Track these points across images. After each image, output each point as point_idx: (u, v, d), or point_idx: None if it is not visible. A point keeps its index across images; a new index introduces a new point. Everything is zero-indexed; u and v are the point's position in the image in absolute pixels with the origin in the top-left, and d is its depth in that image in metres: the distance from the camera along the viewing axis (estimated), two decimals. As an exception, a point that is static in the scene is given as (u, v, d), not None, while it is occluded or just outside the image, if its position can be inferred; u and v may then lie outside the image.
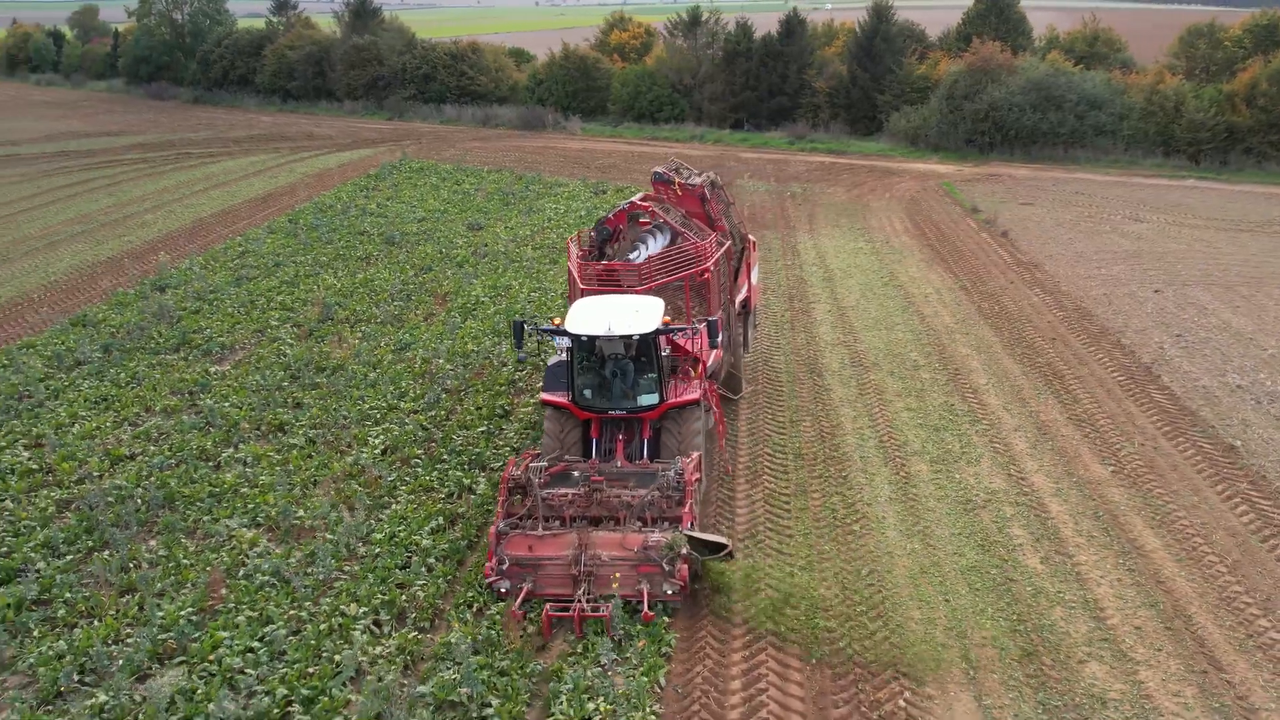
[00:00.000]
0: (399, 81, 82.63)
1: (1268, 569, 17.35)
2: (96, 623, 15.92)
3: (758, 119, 66.55)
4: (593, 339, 18.28)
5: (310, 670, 14.63)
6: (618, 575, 15.88)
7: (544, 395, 19.60)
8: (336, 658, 14.77)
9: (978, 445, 22.04)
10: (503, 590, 16.03)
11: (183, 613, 15.91)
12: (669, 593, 15.81)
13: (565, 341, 18.89)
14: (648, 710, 13.70)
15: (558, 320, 19.05)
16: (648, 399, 18.88)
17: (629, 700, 13.83)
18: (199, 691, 14.16)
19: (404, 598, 16.37)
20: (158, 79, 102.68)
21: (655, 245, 22.18)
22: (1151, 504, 19.51)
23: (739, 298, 23.87)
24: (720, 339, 20.69)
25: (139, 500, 19.61)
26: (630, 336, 18.13)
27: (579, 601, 15.57)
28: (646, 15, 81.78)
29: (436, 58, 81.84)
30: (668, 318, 18.69)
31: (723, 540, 16.33)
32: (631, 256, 21.75)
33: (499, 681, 14.18)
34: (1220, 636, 15.65)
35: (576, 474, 17.75)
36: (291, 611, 16.07)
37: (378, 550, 17.81)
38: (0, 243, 41.33)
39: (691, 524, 16.60)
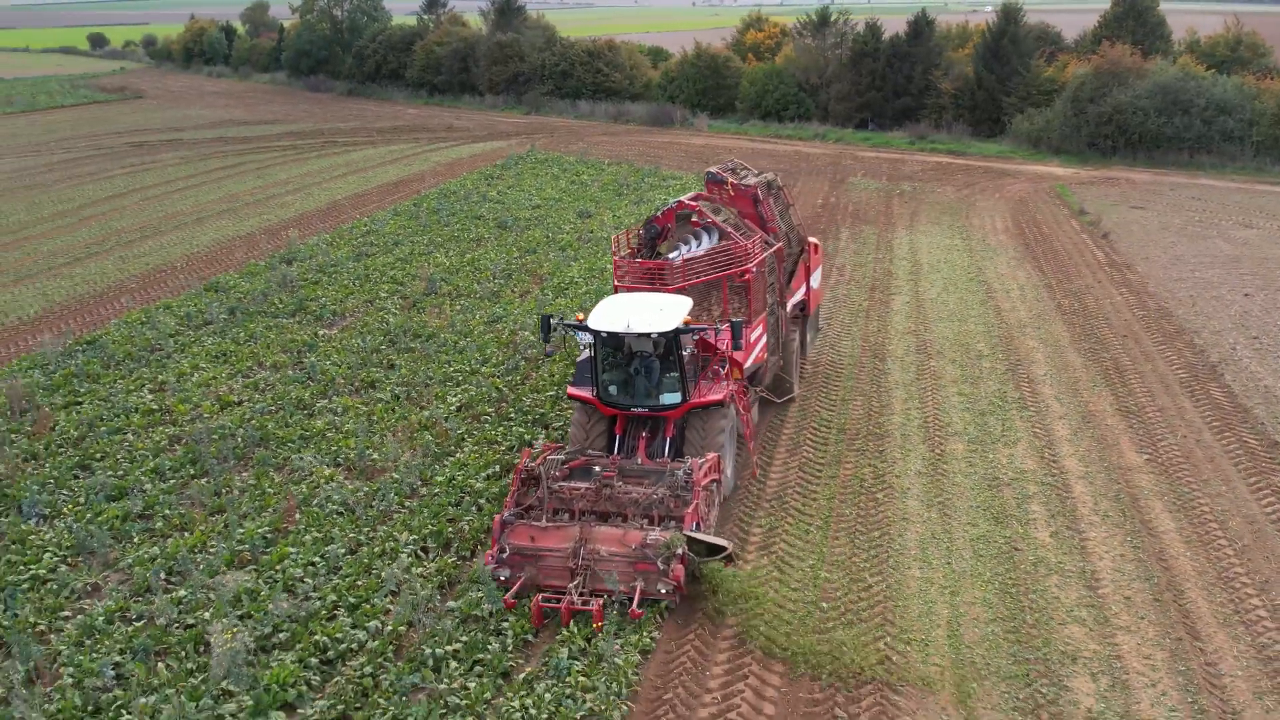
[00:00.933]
0: (538, 77, 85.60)
1: (1276, 554, 17.84)
2: (187, 535, 18.32)
3: (882, 119, 66.98)
4: (614, 335, 18.32)
5: (359, 583, 16.66)
6: (614, 571, 15.94)
7: (571, 390, 19.77)
8: (382, 574, 16.75)
9: (1019, 429, 22.83)
10: (502, 579, 16.17)
11: (260, 531, 18.20)
12: (663, 591, 15.82)
13: (588, 337, 18.93)
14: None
15: (581, 316, 19.10)
16: (670, 398, 18.87)
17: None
18: (263, 593, 16.34)
19: (450, 530, 18.28)
20: (317, 72, 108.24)
21: (701, 245, 21.72)
22: (1176, 490, 20.09)
23: (792, 300, 23.89)
24: (764, 341, 21.18)
25: (239, 439, 22.08)
26: (649, 334, 18.11)
27: (570, 594, 15.71)
28: (791, 16, 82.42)
29: (575, 55, 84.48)
30: (689, 317, 18.63)
31: (723, 543, 16.39)
32: (671, 255, 21.61)
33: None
34: (1208, 611, 16.33)
35: (598, 469, 17.82)
36: (351, 535, 18.19)
37: (436, 490, 19.81)
38: (155, 217, 45.22)
39: (696, 525, 16.56)
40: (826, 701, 14.22)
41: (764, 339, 21.85)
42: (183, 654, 14.99)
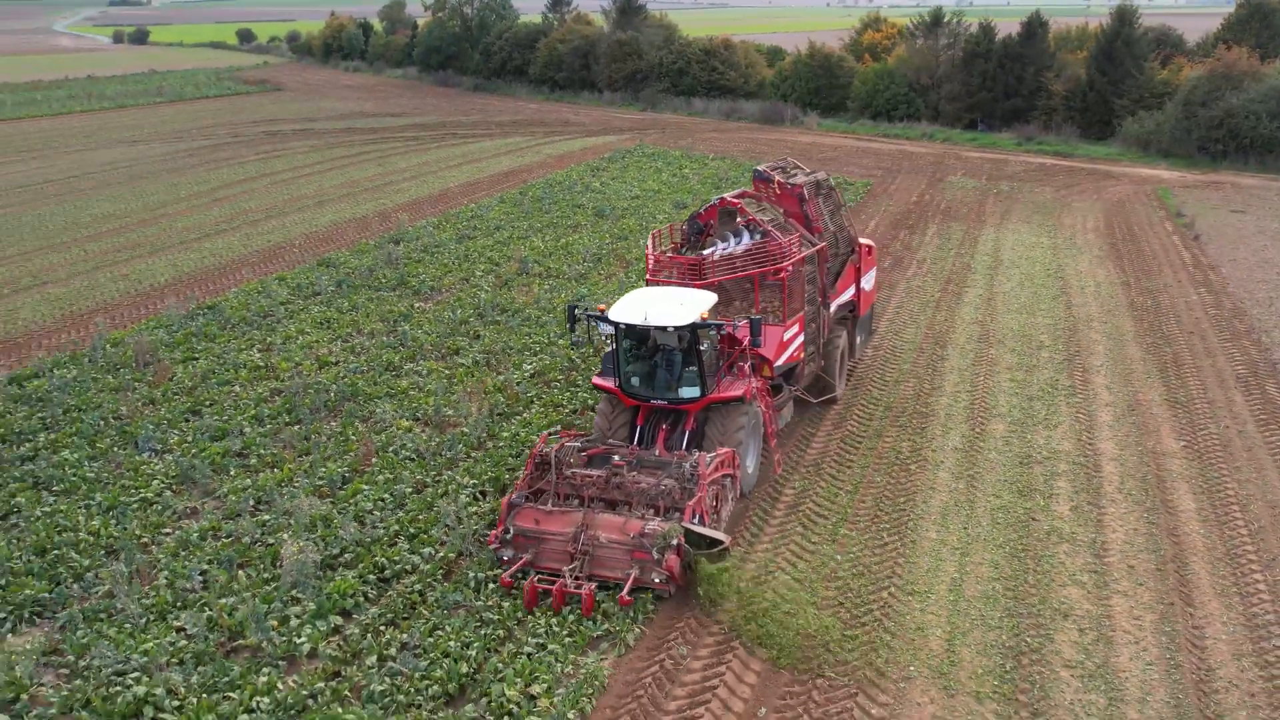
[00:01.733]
0: (655, 75, 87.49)
1: (1290, 537, 18.50)
2: (276, 471, 20.58)
3: (991, 120, 66.97)
4: (632, 327, 18.64)
5: (420, 517, 18.62)
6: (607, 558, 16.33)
7: (596, 380, 20.19)
8: (441, 511, 18.66)
9: (1062, 414, 23.67)
10: (504, 559, 16.66)
11: (339, 470, 20.36)
12: (656, 581, 16.07)
13: (609, 328, 19.19)
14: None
15: (603, 307, 19.29)
16: (689, 391, 19.03)
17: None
18: (335, 520, 18.42)
19: (507, 478, 20.13)
20: (446, 68, 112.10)
21: (742, 242, 21.62)
22: (1206, 475, 20.76)
23: (837, 301, 23.78)
24: (801, 340, 21.53)
25: (331, 393, 24.35)
26: (665, 328, 18.41)
27: (564, 578, 16.11)
28: (916, 16, 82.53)
29: (691, 54, 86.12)
30: (706, 312, 18.67)
31: (721, 537, 16.49)
32: (706, 251, 21.67)
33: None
34: (1208, 582, 17.15)
35: (616, 458, 18.18)
36: (419, 477, 20.22)
37: (500, 444, 21.71)
38: (280, 200, 48.43)
39: (698, 518, 16.64)
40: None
41: (800, 338, 21.80)
42: (260, 566, 17.14)
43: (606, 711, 13.89)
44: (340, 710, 13.66)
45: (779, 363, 20.84)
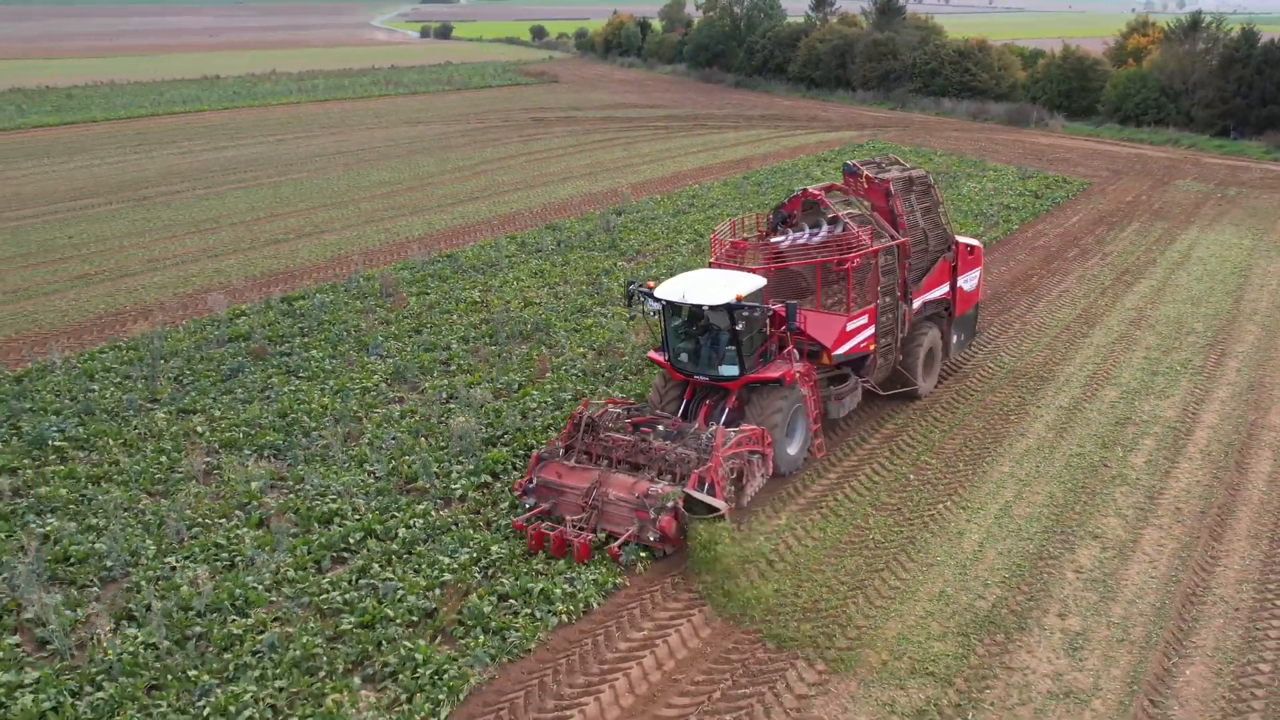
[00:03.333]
0: (908, 75, 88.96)
1: (1351, 500, 19.81)
2: (468, 375, 25.29)
3: (1243, 127, 65.05)
4: (672, 304, 19.84)
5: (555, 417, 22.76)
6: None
7: (651, 354, 21.75)
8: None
9: (1180, 388, 25.17)
10: (528, 506, 18.23)
11: (518, 379, 24.84)
12: (651, 539, 17.11)
13: (656, 305, 20.21)
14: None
15: (652, 284, 20.46)
16: (729, 370, 20.01)
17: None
18: (504, 412, 22.85)
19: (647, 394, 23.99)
20: (712, 65, 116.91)
21: (819, 233, 22.33)
22: (1295, 448, 22.08)
23: (923, 298, 23.91)
24: (870, 333, 22.05)
25: (528, 325, 28.93)
26: (701, 306, 19.50)
27: (566, 526, 17.48)
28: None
29: (945, 54, 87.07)
30: (742, 294, 19.28)
31: (718, 505, 17.20)
32: (775, 239, 22.65)
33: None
34: (1245, 527, 18.80)
35: (661, 427, 19.39)
36: (579, 389, 24.39)
37: (652, 372, 25.57)
38: (530, 176, 54.17)
39: (707, 486, 17.53)
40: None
41: (869, 330, 22.17)
42: (439, 438, 21.75)
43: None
44: (472, 532, 17.93)
45: (839, 352, 21.44)
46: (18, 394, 24.37)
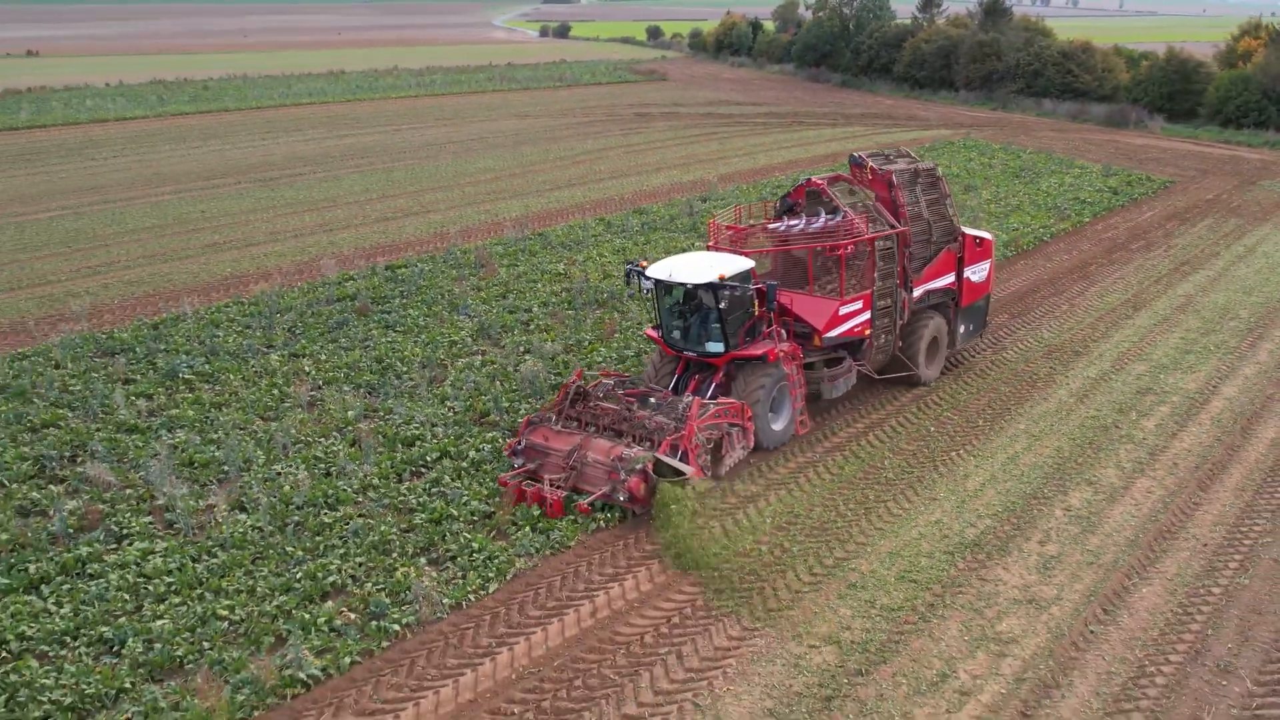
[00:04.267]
0: (1011, 76, 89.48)
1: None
2: (546, 334, 28.16)
3: (1345, 129, 64.62)
4: (660, 282, 20.95)
5: (630, 370, 25.36)
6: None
7: (648, 330, 23.23)
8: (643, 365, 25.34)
9: (1209, 365, 26.59)
10: (516, 465, 19.63)
11: (586, 338, 27.65)
12: (620, 499, 18.33)
13: (647, 284, 21.20)
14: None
15: (644, 263, 21.66)
16: (715, 347, 21.16)
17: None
18: (571, 362, 25.61)
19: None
20: (820, 64, 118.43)
21: (818, 221, 22.99)
22: (1304, 420, 23.52)
23: (924, 288, 24.50)
24: (865, 318, 22.97)
25: (604, 294, 31.69)
26: (684, 285, 20.71)
27: (543, 483, 18.88)
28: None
29: (1048, 56, 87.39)
30: (724, 274, 20.30)
31: (685, 469, 18.46)
32: (773, 225, 23.46)
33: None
34: (1235, 480, 20.40)
35: (653, 400, 20.69)
36: (640, 347, 27.00)
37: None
38: (625, 166, 57.06)
39: (680, 453, 18.83)
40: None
41: (864, 315, 23.03)
42: (510, 380, 24.63)
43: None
44: (530, 456, 20.75)
45: (831, 335, 22.38)
46: (154, 337, 28.01)
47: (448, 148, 64.10)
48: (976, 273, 26.15)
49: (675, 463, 18.54)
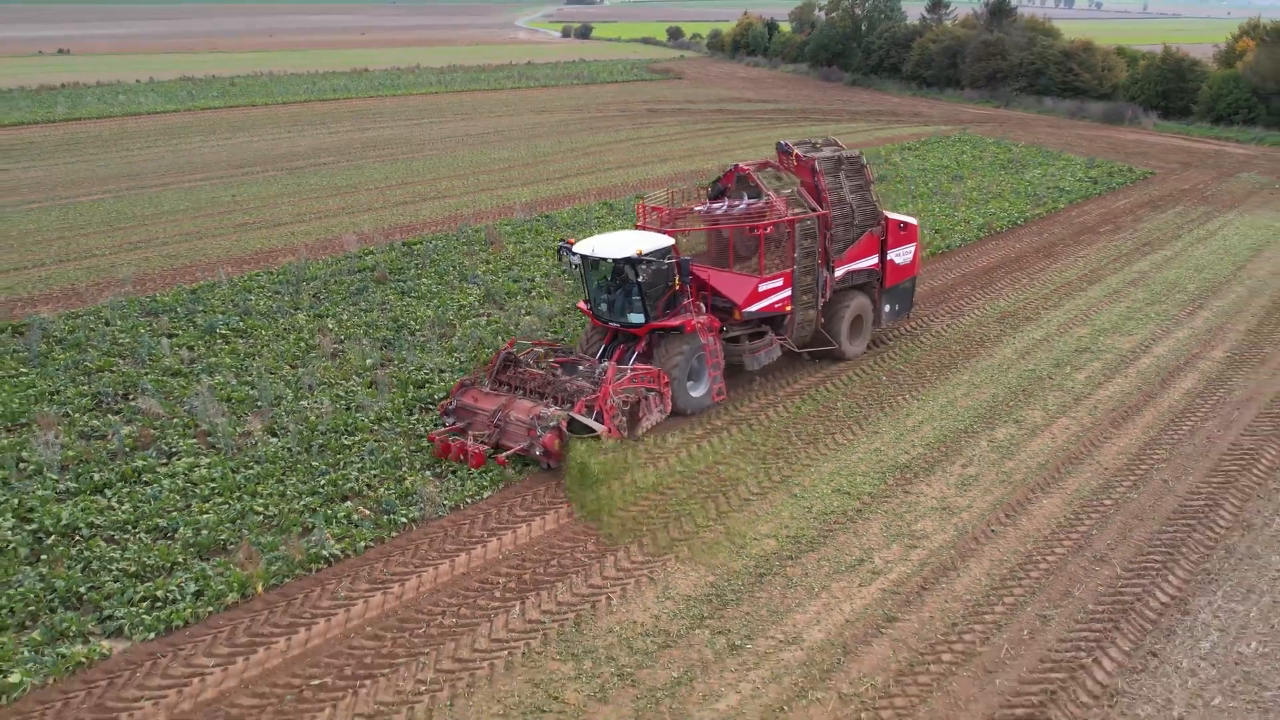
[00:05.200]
0: (1014, 75, 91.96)
1: (1250, 425, 24.01)
2: (548, 301, 31.11)
3: (1332, 127, 66.88)
4: (584, 258, 22.56)
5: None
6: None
7: (580, 304, 24.69)
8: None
9: (1147, 329, 29.17)
10: (447, 423, 21.48)
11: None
12: (536, 453, 20.11)
13: (575, 259, 22.87)
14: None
15: (571, 240, 23.24)
16: (636, 318, 22.78)
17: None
18: (564, 323, 28.56)
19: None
20: (832, 64, 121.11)
21: (742, 204, 24.40)
22: (1224, 374, 25.95)
23: (846, 268, 25.96)
24: (785, 295, 24.41)
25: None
26: (605, 259, 22.29)
27: (466, 439, 20.73)
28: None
29: (1050, 55, 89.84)
30: (642, 249, 21.94)
31: (597, 427, 20.11)
32: (698, 209, 24.96)
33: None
34: (1146, 422, 23.08)
35: (582, 367, 22.54)
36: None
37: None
38: (632, 157, 60.02)
39: (595, 413, 20.50)
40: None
41: (784, 293, 24.43)
42: (511, 334, 27.53)
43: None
44: (525, 395, 23.68)
45: (750, 309, 23.73)
46: (193, 300, 31.10)
47: (465, 140, 67.21)
48: (901, 255, 27.50)
49: (588, 420, 20.24)
